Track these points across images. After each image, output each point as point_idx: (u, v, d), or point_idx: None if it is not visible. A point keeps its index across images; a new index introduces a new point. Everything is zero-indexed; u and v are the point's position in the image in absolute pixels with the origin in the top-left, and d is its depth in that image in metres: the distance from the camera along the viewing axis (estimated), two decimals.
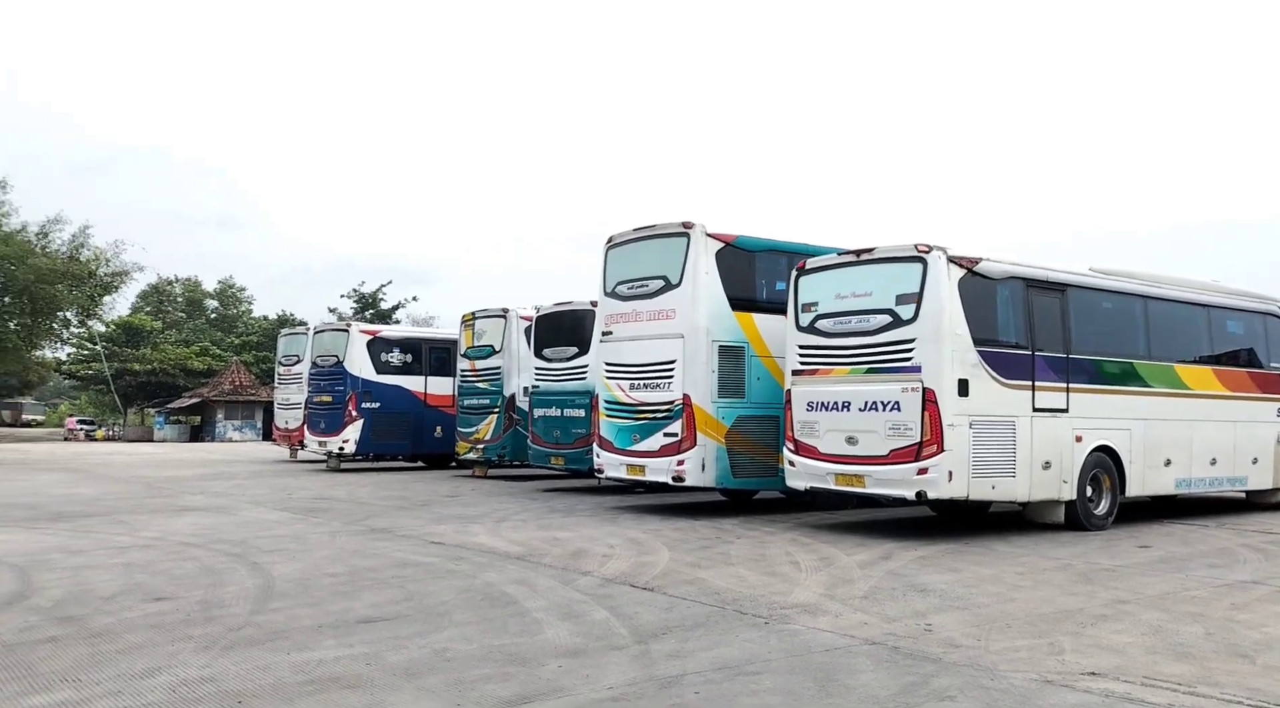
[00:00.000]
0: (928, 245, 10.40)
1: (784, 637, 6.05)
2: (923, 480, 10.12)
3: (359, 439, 21.28)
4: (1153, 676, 5.20)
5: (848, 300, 11.03)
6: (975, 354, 10.33)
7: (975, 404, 10.24)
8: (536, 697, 4.70)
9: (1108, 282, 12.38)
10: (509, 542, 10.18)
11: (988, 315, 10.74)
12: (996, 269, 10.79)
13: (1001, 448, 10.48)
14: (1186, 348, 13.31)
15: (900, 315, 10.47)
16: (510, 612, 6.69)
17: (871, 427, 10.53)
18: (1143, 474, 12.14)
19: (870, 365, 10.68)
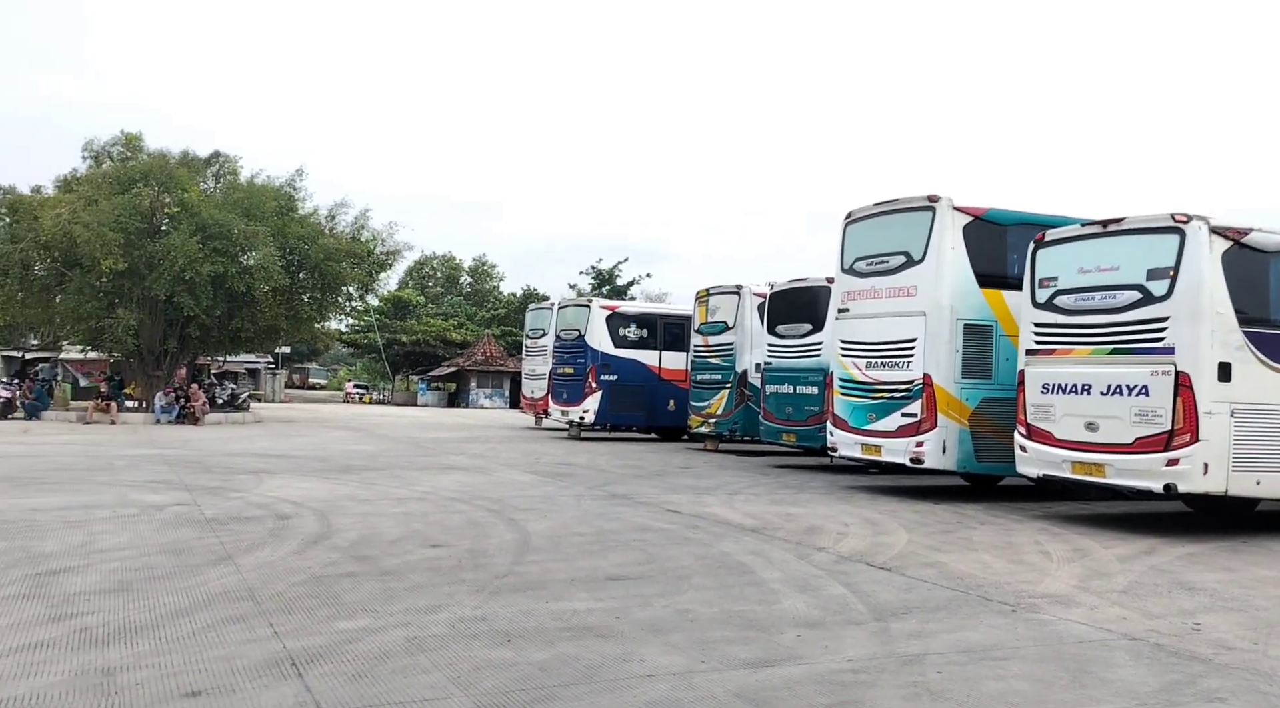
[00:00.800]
0: (1186, 215, 9.56)
1: (1032, 626, 5.87)
2: (1173, 472, 9.33)
3: (598, 409, 22.33)
4: None
5: (1091, 275, 10.29)
6: (1240, 335, 9.44)
7: (1239, 391, 9.37)
8: (777, 662, 4.88)
9: None
10: (742, 514, 10.42)
11: (1257, 293, 9.77)
12: (1270, 241, 9.77)
13: (1270, 440, 9.55)
14: None
15: (1151, 292, 9.70)
16: (747, 580, 6.91)
17: (1115, 412, 9.82)
18: None
19: (1115, 346, 9.96)
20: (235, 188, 29.79)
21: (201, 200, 27.40)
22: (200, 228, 26.02)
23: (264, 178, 30.62)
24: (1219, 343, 9.38)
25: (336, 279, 29.24)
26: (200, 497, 10.60)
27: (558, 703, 4.14)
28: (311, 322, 31.68)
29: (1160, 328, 9.58)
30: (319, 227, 29.91)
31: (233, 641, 4.99)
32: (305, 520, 9.01)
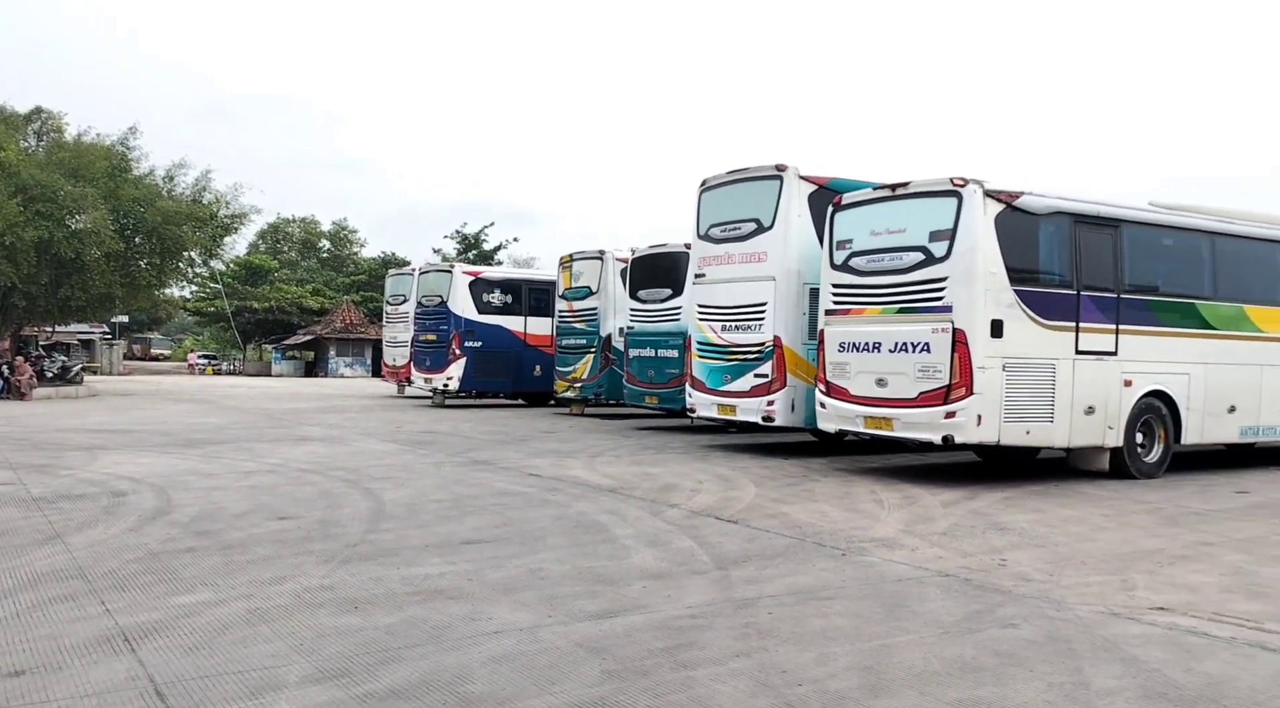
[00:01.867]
0: (964, 178, 9.95)
1: (859, 567, 6.32)
2: (950, 424, 9.81)
3: (462, 376, 22.15)
4: (1222, 612, 5.29)
5: (881, 237, 10.67)
6: (1012, 294, 9.95)
7: (1010, 346, 9.89)
8: (621, 612, 5.11)
9: (1169, 217, 11.75)
10: (602, 476, 10.65)
11: (1028, 253, 10.33)
12: (1040, 204, 10.29)
13: (1038, 392, 10.12)
14: (1260, 288, 12.52)
15: (933, 253, 10.10)
16: (600, 538, 7.13)
17: (901, 368, 10.29)
18: (1201, 422, 11.61)
19: (902, 305, 10.38)
20: (60, 147, 27.77)
21: (21, 160, 25.38)
22: (20, 189, 24.15)
23: (93, 136, 28.65)
24: (992, 301, 9.80)
25: (176, 244, 27.68)
26: (26, 475, 10.02)
27: (402, 664, 4.23)
28: (150, 289, 29.94)
29: (940, 288, 9.98)
30: (156, 188, 28.20)
31: (61, 619, 4.84)
32: (143, 497, 8.68)
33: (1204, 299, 11.79)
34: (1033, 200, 10.22)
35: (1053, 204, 10.42)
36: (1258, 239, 12.51)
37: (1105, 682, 4.13)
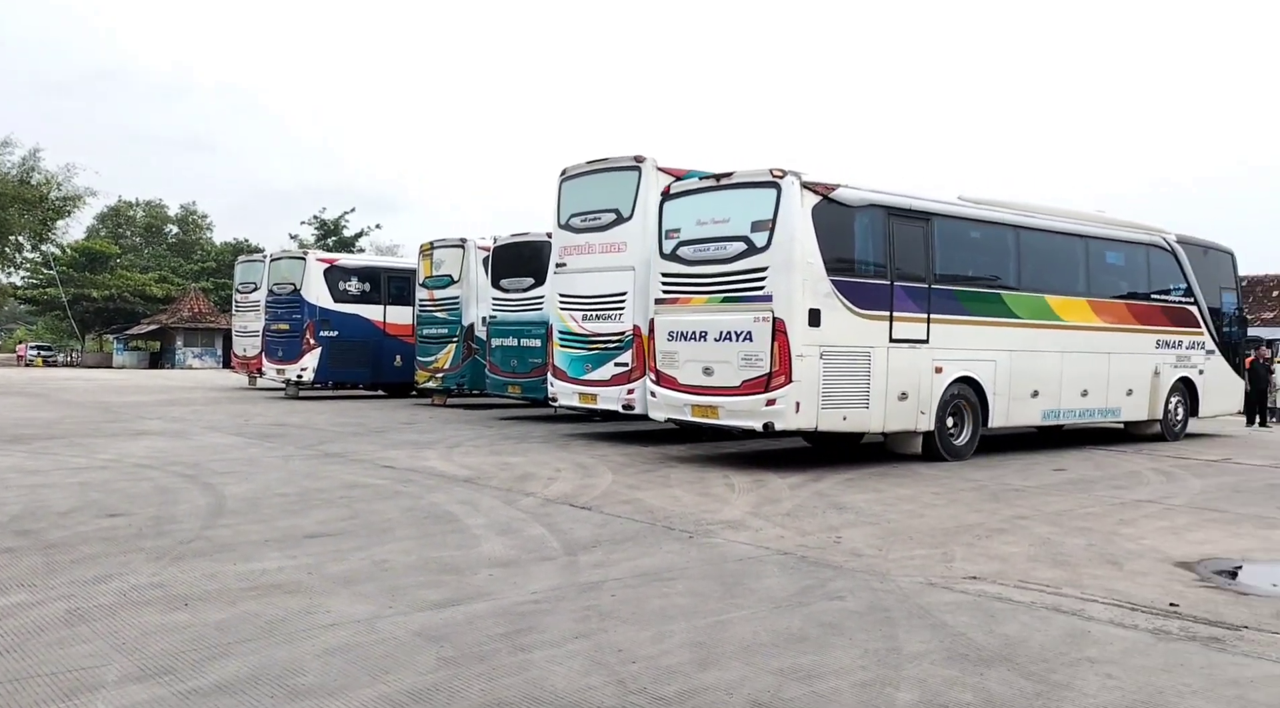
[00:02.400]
0: (782, 170, 10.12)
1: (704, 549, 6.53)
2: (770, 412, 10.03)
3: (317, 367, 21.49)
4: (1027, 579, 5.75)
5: (707, 227, 10.81)
6: (829, 284, 10.20)
7: (827, 335, 10.15)
8: (464, 600, 5.12)
9: (976, 211, 12.24)
10: (459, 466, 10.58)
11: (844, 244, 10.57)
12: (854, 196, 10.57)
13: (855, 379, 10.45)
14: (1061, 279, 13.22)
15: (755, 243, 10.28)
16: (451, 529, 7.10)
17: (726, 357, 10.43)
18: (1007, 406, 12.20)
19: (726, 294, 10.52)
20: None
21: None
22: None
23: None
24: (810, 291, 10.03)
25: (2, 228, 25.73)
26: None
27: (231, 659, 4.13)
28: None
29: (761, 277, 10.17)
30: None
31: None
32: None
33: (1009, 290, 12.36)
34: (848, 192, 10.49)
35: (867, 196, 10.70)
36: (1058, 232, 13.17)
37: (915, 646, 4.43)
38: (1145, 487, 9.95)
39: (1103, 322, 13.56)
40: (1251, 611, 5.12)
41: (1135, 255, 14.42)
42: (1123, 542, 6.95)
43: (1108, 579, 5.79)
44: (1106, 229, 14.07)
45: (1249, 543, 7.05)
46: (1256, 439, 16.54)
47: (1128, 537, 7.14)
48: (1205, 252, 15.62)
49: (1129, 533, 7.30)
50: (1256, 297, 35.24)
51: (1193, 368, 15.12)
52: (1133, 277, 14.47)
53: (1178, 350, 14.82)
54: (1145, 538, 7.11)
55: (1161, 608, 5.13)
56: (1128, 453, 13.20)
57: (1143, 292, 14.47)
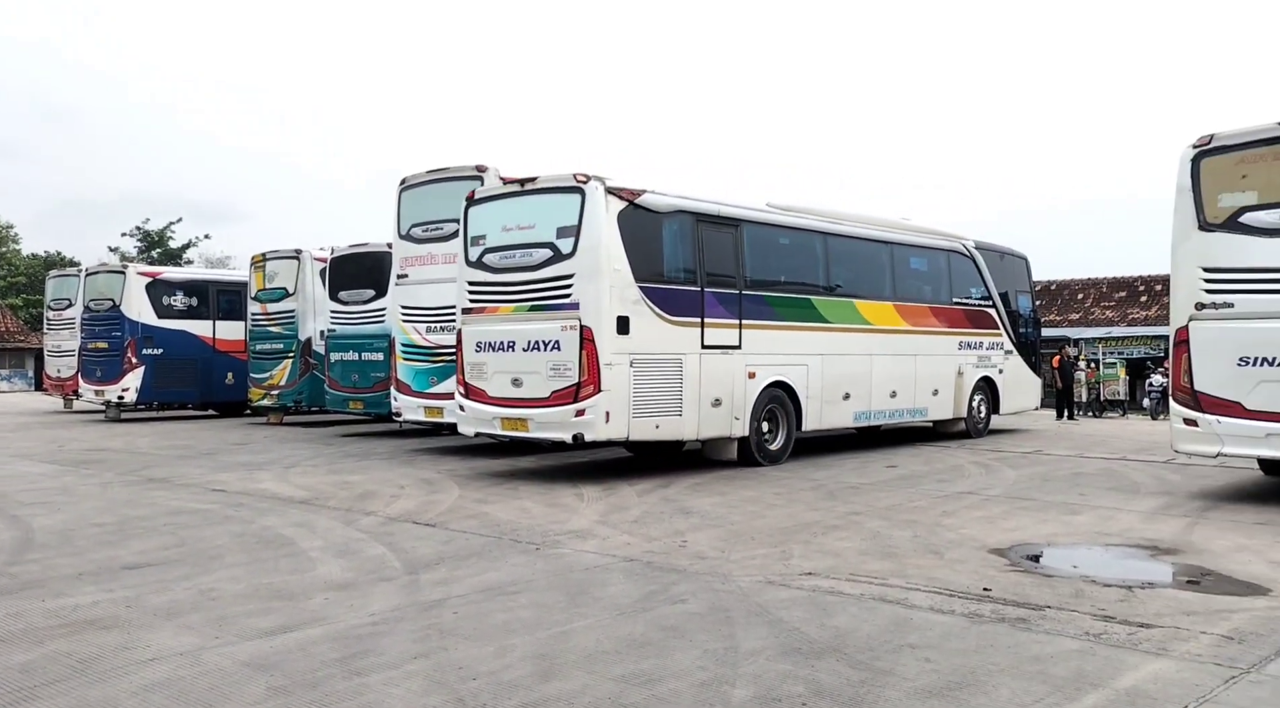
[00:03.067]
0: (586, 175, 9.94)
1: (550, 560, 6.52)
2: (580, 422, 9.78)
3: (140, 387, 20.15)
4: (857, 573, 6.04)
5: (513, 234, 10.51)
6: (637, 290, 10.04)
7: (637, 342, 9.99)
8: (297, 626, 4.93)
9: (784, 217, 12.27)
10: (295, 487, 10.16)
11: (652, 250, 10.40)
12: (662, 202, 10.44)
13: (667, 387, 10.34)
14: (868, 284, 13.50)
15: (560, 250, 10.07)
16: (285, 553, 6.81)
17: (535, 368, 10.17)
18: (820, 409, 12.34)
19: (534, 303, 10.26)
20: None
21: None
22: None
23: None
24: (617, 298, 9.83)
25: None
26: None
27: (37, 703, 3.82)
28: None
29: (567, 285, 9.96)
30: None
31: None
32: None
33: (819, 295, 12.56)
34: (655, 198, 10.36)
35: (674, 202, 10.59)
36: (864, 239, 13.48)
37: (752, 643, 4.58)
38: (966, 479, 10.63)
39: (908, 325, 13.96)
40: (1054, 591, 5.56)
41: (938, 261, 14.93)
42: (944, 532, 7.40)
43: (930, 569, 6.16)
44: (911, 235, 14.49)
45: (1054, 528, 7.65)
46: (1064, 432, 17.97)
47: (949, 527, 7.61)
48: (1002, 257, 16.35)
49: (950, 524, 7.79)
50: (1064, 299, 38.29)
51: (993, 367, 15.77)
52: (936, 281, 14.91)
53: (979, 351, 15.43)
54: (964, 528, 7.60)
55: (976, 593, 5.50)
56: (951, 448, 14.07)
57: (945, 296, 14.97)
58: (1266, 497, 9.30)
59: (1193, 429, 8.86)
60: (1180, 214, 9.12)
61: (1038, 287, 38.87)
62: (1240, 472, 10.89)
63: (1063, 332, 31.73)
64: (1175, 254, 9.20)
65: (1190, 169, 9.07)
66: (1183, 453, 9.33)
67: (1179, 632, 4.71)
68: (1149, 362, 24.85)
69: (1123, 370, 23.59)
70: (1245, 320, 8.65)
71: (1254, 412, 8.51)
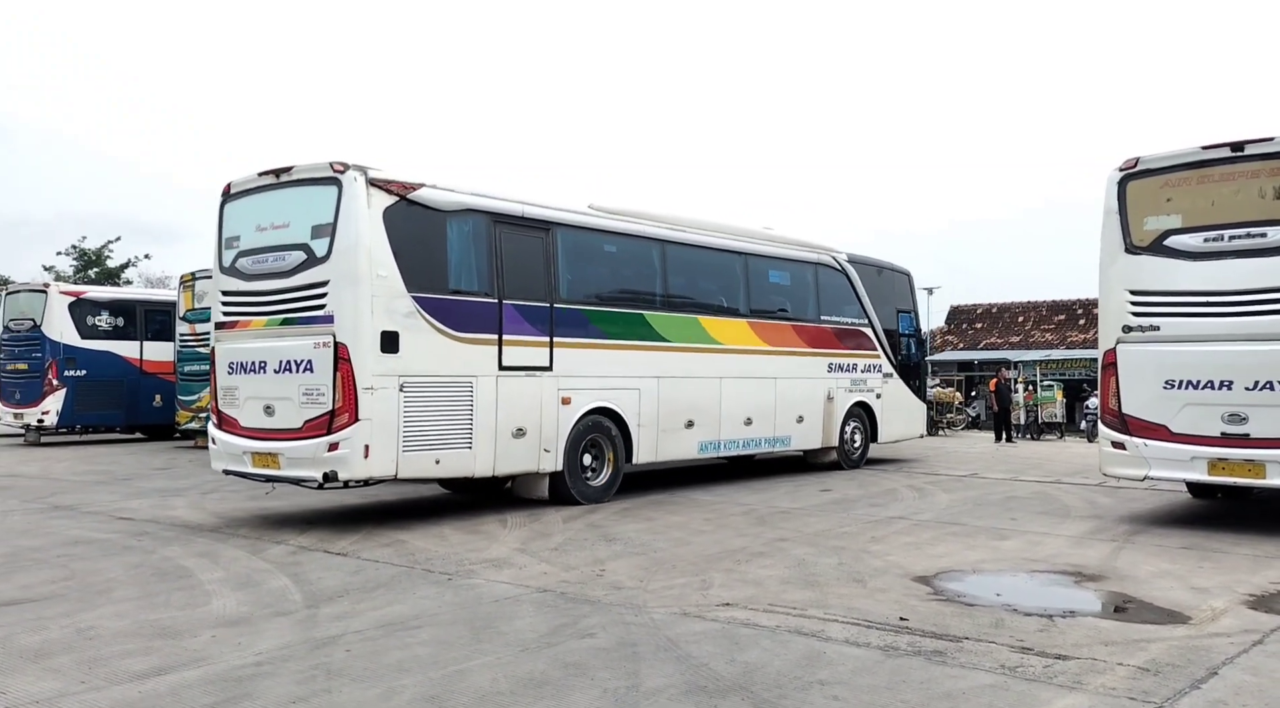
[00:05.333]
0: (344, 163, 8.48)
1: (460, 591, 6.24)
2: (333, 458, 8.19)
3: (61, 410, 19.38)
4: (776, 603, 5.85)
5: (267, 234, 8.92)
6: (410, 301, 8.61)
7: (410, 362, 8.56)
8: (173, 668, 4.59)
9: (610, 222, 10.87)
10: (208, 514, 9.74)
11: (433, 255, 9.00)
12: (446, 199, 9.06)
13: (452, 415, 8.89)
14: (717, 298, 12.27)
15: (315, 252, 8.54)
16: (180, 586, 6.44)
17: (287, 393, 8.57)
18: (656, 439, 10.94)
19: (286, 315, 8.69)
20: None
21: None
22: None
23: None
24: (382, 310, 8.39)
25: None
26: None
27: None
28: None
29: (322, 294, 8.43)
30: None
31: None
32: None
33: (655, 310, 11.18)
34: (436, 194, 8.98)
35: (463, 200, 9.22)
36: (712, 248, 12.13)
37: (656, 681, 4.36)
38: (899, 503, 10.54)
39: (767, 345, 12.63)
40: (974, 621, 5.42)
41: (803, 274, 13.59)
42: (870, 560, 7.25)
43: (851, 598, 5.99)
44: (769, 246, 13.14)
45: (981, 555, 7.55)
46: (1002, 454, 18.07)
47: (875, 554, 7.47)
48: (880, 272, 15.04)
49: (878, 550, 7.65)
50: (1005, 322, 38.90)
51: (869, 392, 14.43)
52: (800, 297, 13.57)
53: (852, 374, 14.09)
54: (891, 554, 7.46)
55: (894, 624, 5.34)
56: (889, 471, 14.02)
57: (812, 313, 13.63)
58: (1193, 520, 9.33)
59: (1120, 452, 8.86)
60: (1107, 237, 9.17)
61: (977, 309, 40.15)
62: (1169, 494, 10.96)
63: (1003, 354, 32.16)
64: (1103, 277, 9.24)
65: (1117, 192, 9.13)
66: (1111, 476, 9.34)
67: (1095, 664, 4.59)
68: (1086, 384, 25.24)
69: (1059, 393, 23.87)
70: (1171, 344, 8.69)
71: (1179, 435, 8.53)
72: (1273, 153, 8.38)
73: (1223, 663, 4.62)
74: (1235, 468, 8.29)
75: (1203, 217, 8.66)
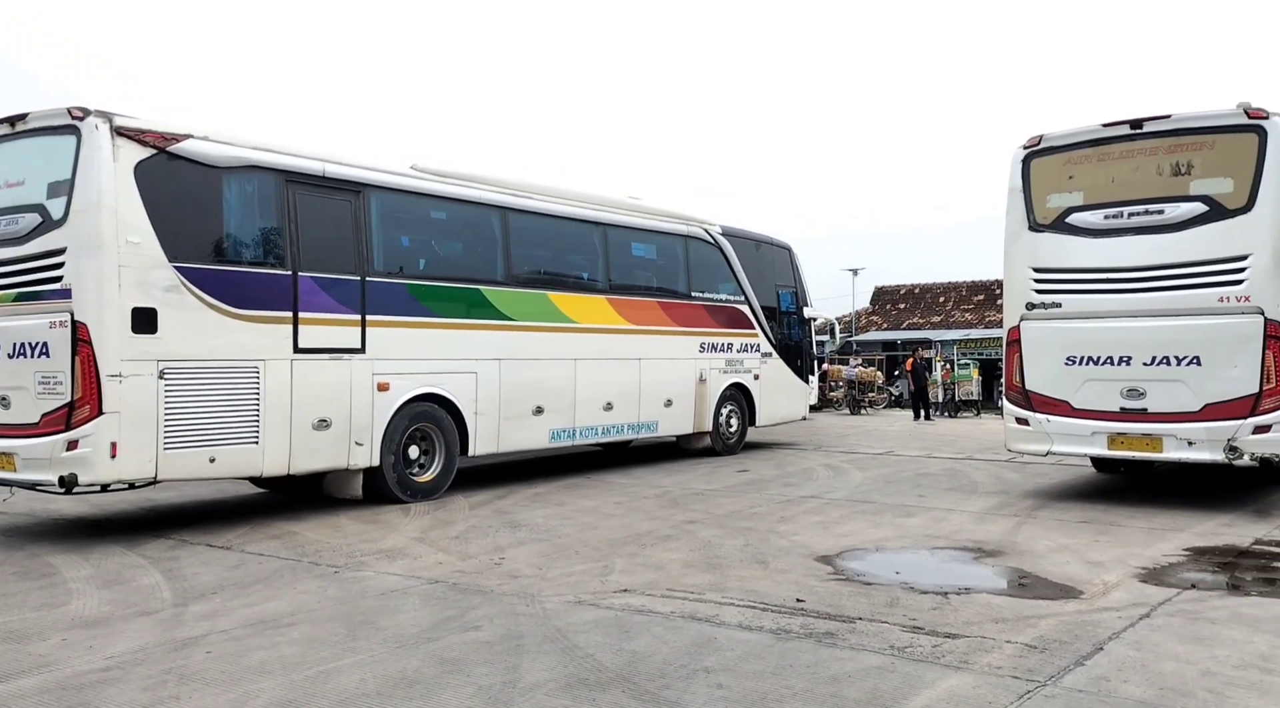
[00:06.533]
0: (84, 109, 7.24)
1: (345, 584, 5.94)
2: (73, 458, 7.03)
3: None
4: (676, 587, 5.68)
5: (3, 193, 7.69)
6: (172, 272, 7.44)
7: (172, 344, 7.40)
8: (11, 676, 4.22)
9: (438, 186, 9.70)
10: (93, 506, 9.21)
11: (203, 218, 7.83)
12: (219, 153, 7.84)
13: (230, 405, 7.75)
14: (570, 273, 11.40)
15: (51, 214, 7.33)
16: (42, 584, 6.02)
17: (22, 381, 7.38)
18: (497, 427, 9.94)
19: (20, 290, 7.49)
20: None
21: None
22: None
23: None
24: (133, 282, 7.23)
25: None
26: None
27: None
28: None
29: (58, 263, 7.25)
30: None
31: None
32: None
33: (494, 284, 10.11)
34: (206, 147, 7.77)
35: (242, 155, 8.01)
36: (565, 218, 11.07)
37: (536, 675, 4.14)
38: (813, 482, 10.50)
39: (628, 323, 11.64)
40: (870, 601, 5.33)
41: (671, 247, 12.66)
42: (776, 540, 7.15)
43: (751, 579, 5.86)
44: (631, 216, 12.06)
45: (886, 532, 7.51)
46: (919, 432, 18.29)
47: (782, 534, 7.37)
48: (758, 246, 14.14)
49: (785, 530, 7.55)
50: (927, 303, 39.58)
51: (746, 372, 13.59)
52: (667, 272, 12.70)
53: (727, 354, 13.25)
54: (798, 534, 7.37)
55: (790, 606, 5.21)
56: (807, 451, 14.03)
57: (682, 288, 12.69)
58: (1094, 494, 9.48)
59: (1024, 428, 8.93)
60: (1012, 214, 9.21)
61: (900, 290, 40.75)
62: (1074, 469, 11.14)
63: (924, 334, 32.71)
64: (1007, 254, 9.29)
65: (1021, 170, 9.17)
66: (1015, 452, 9.42)
67: (984, 642, 4.52)
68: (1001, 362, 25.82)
69: (975, 371, 24.34)
70: (1072, 320, 8.78)
71: (1080, 410, 8.62)
72: (1170, 130, 8.50)
73: (1109, 638, 4.59)
74: (1134, 442, 8.42)
75: (1103, 194, 8.74)
